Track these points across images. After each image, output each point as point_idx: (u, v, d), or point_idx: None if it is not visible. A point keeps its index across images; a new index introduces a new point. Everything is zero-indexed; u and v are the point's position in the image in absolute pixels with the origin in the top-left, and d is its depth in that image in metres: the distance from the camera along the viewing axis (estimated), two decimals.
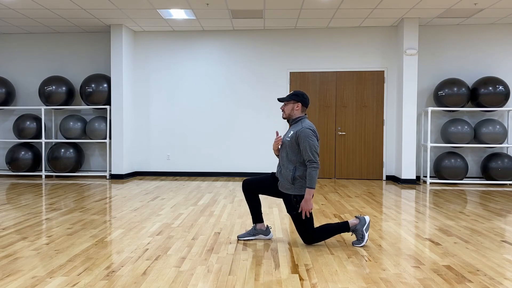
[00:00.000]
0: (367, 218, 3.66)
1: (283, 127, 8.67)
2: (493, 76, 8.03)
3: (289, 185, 3.60)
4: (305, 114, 3.72)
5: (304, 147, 3.49)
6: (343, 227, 3.62)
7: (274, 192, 3.76)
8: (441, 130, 8.09)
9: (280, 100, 3.70)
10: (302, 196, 3.56)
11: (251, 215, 3.83)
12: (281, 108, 3.76)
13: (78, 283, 2.75)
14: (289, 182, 3.59)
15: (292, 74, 8.65)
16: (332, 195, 6.49)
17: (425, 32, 8.41)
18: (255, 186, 3.77)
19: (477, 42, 8.35)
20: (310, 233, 3.61)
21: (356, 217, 3.68)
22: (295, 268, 3.06)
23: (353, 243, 3.68)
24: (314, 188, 3.49)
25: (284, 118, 3.75)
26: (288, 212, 3.66)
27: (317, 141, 3.58)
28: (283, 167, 3.64)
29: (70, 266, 3.09)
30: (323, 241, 3.78)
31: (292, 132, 3.61)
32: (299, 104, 3.67)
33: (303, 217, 3.53)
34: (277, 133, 3.82)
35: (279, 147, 3.77)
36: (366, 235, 3.65)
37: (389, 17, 7.80)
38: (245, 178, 7.73)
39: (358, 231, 3.65)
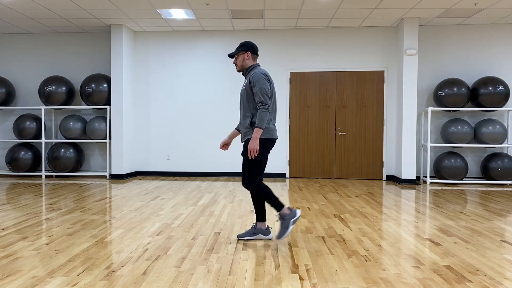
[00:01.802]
0: (298, 211, 3.70)
1: (284, 126, 8.67)
2: (493, 76, 8.03)
3: (248, 130, 3.66)
4: (258, 63, 3.78)
5: (255, 90, 3.55)
6: (278, 205, 3.64)
7: (264, 159, 3.77)
8: (441, 130, 8.09)
9: (230, 55, 3.77)
10: (262, 140, 3.60)
11: (255, 212, 3.85)
12: (233, 63, 3.84)
13: (78, 283, 2.75)
14: (248, 128, 3.65)
15: (292, 74, 8.65)
16: (332, 195, 6.49)
17: (425, 32, 8.42)
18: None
19: (477, 42, 8.35)
20: (252, 178, 3.62)
21: (288, 208, 3.70)
22: (295, 268, 3.06)
23: (278, 237, 3.66)
24: (262, 128, 3.51)
25: (238, 71, 3.81)
26: (241, 154, 3.69)
27: (270, 85, 3.62)
28: (242, 118, 3.70)
29: (70, 266, 3.09)
30: (322, 241, 3.78)
31: (246, 81, 3.69)
32: (248, 53, 3.74)
33: (249, 157, 3.54)
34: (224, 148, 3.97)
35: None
36: (291, 227, 3.66)
37: (389, 17, 7.80)
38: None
39: (286, 220, 3.65)
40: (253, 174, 3.64)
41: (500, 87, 7.74)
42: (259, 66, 3.78)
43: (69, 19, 7.94)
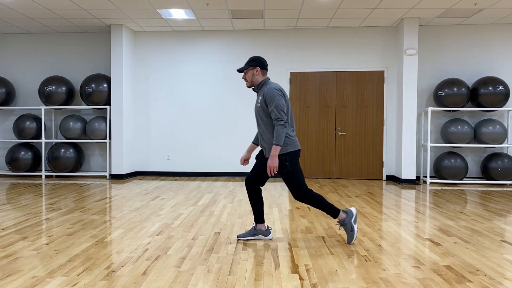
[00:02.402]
0: (353, 210, 3.70)
1: None
2: (493, 76, 8.03)
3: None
4: (268, 77, 3.74)
5: (271, 107, 3.52)
6: (333, 211, 3.64)
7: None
8: (441, 130, 8.09)
9: (239, 70, 3.73)
10: (289, 154, 3.58)
11: (254, 214, 3.83)
12: (242, 78, 3.80)
13: (78, 283, 2.75)
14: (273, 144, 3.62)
15: (292, 74, 8.65)
16: (332, 195, 6.49)
17: (425, 32, 8.42)
18: (255, 177, 3.77)
19: (477, 42, 8.35)
20: (301, 189, 3.62)
21: (343, 211, 3.69)
22: (295, 268, 3.06)
23: (347, 241, 3.70)
24: (280, 145, 3.50)
25: (248, 87, 3.78)
26: (279, 172, 3.66)
27: (285, 98, 3.61)
28: (264, 134, 3.67)
29: (70, 266, 3.09)
30: (323, 241, 3.78)
31: (260, 97, 3.66)
32: (258, 68, 3.69)
33: (269, 175, 3.54)
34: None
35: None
36: (355, 226, 3.67)
37: (389, 17, 7.80)
38: (244, 178, 7.72)
39: (347, 224, 3.66)
40: (300, 185, 3.62)
41: (500, 87, 7.74)
42: (269, 80, 3.73)
43: (69, 19, 7.94)
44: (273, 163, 3.50)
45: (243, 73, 3.84)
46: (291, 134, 3.61)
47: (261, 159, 3.77)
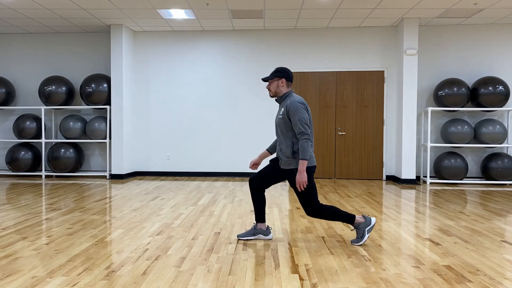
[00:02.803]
0: (373, 219, 3.69)
1: None
2: (493, 76, 8.03)
3: (290, 160, 3.61)
4: (291, 89, 3.74)
5: (294, 120, 3.51)
6: (349, 218, 3.63)
7: (279, 176, 3.77)
8: (441, 130, 8.09)
9: (264, 79, 3.73)
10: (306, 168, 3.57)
11: (255, 213, 3.83)
12: (266, 88, 3.80)
13: (78, 283, 2.75)
14: (290, 157, 3.60)
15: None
16: (332, 195, 6.49)
17: (425, 32, 8.42)
18: (261, 179, 3.77)
19: (477, 42, 8.35)
20: (314, 205, 3.60)
21: (363, 216, 3.70)
22: (295, 268, 3.06)
23: (352, 242, 3.70)
24: (307, 160, 3.48)
25: (271, 97, 3.78)
26: (292, 186, 3.65)
27: (308, 112, 3.60)
28: (282, 145, 3.66)
29: (70, 266, 3.09)
30: (323, 241, 3.78)
31: (282, 109, 3.64)
32: (283, 80, 3.69)
33: (299, 190, 3.53)
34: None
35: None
36: (367, 235, 3.67)
37: (389, 17, 7.80)
38: (244, 178, 7.75)
39: (360, 229, 3.66)
40: (313, 202, 3.60)
41: (500, 87, 7.74)
42: (293, 92, 3.72)
43: (69, 19, 7.94)
44: (301, 178, 3.48)
45: (267, 83, 3.82)
46: (310, 151, 3.59)
47: (274, 165, 3.76)
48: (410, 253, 3.45)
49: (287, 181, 3.72)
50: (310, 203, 3.60)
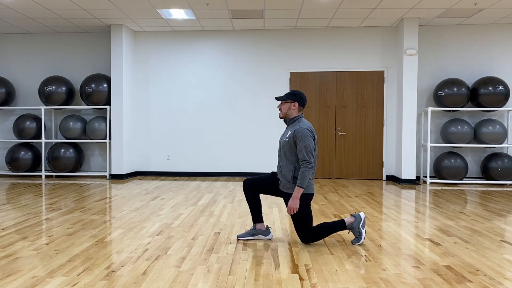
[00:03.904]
0: (362, 214, 3.68)
1: (283, 126, 8.67)
2: (493, 76, 8.03)
3: (290, 184, 3.61)
4: (302, 114, 3.73)
5: (300, 147, 3.51)
6: (340, 225, 3.64)
7: (274, 191, 3.77)
8: (441, 130, 8.09)
9: (277, 98, 3.72)
10: (302, 196, 3.57)
11: (251, 214, 3.83)
12: (278, 107, 3.79)
13: (78, 283, 2.75)
14: (290, 181, 3.60)
15: (292, 74, 8.65)
16: (332, 195, 6.49)
17: (425, 32, 8.42)
18: (256, 185, 3.78)
19: (477, 42, 8.35)
20: (309, 232, 3.62)
21: (351, 215, 3.70)
22: (295, 268, 3.06)
23: (353, 242, 3.70)
24: (303, 188, 3.49)
25: (281, 118, 3.77)
26: (288, 213, 3.66)
27: (314, 141, 3.59)
28: (283, 168, 3.66)
29: (70, 266, 3.09)
30: (323, 241, 3.78)
31: (289, 133, 3.63)
32: (296, 104, 3.67)
33: (289, 214, 3.55)
34: None
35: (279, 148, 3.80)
36: (363, 231, 3.67)
37: (389, 17, 7.80)
38: (245, 178, 7.73)
39: (355, 229, 3.66)
40: (309, 229, 3.62)
41: (500, 87, 7.74)
42: (303, 117, 3.71)
43: (69, 19, 7.94)
44: (294, 204, 3.50)
45: (280, 102, 3.81)
46: (309, 177, 3.59)
47: (274, 179, 3.76)
48: (410, 253, 3.45)
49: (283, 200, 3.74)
50: (304, 229, 3.62)
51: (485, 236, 4.04)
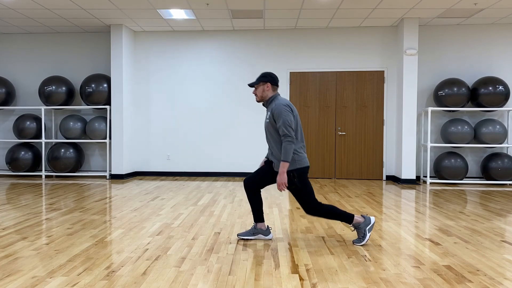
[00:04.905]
0: (372, 219, 3.70)
1: None
2: (493, 76, 8.03)
3: None
4: (278, 93, 3.77)
5: (279, 124, 3.54)
6: (347, 217, 3.65)
7: (273, 177, 3.78)
8: (441, 130, 8.09)
9: (250, 85, 3.77)
10: (297, 170, 3.59)
11: (253, 213, 3.84)
12: (253, 93, 3.84)
13: (78, 283, 2.75)
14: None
15: (292, 74, 8.65)
16: (332, 195, 6.49)
17: (425, 32, 8.42)
18: (256, 181, 3.78)
19: (477, 42, 8.35)
20: (311, 204, 3.63)
21: (362, 215, 3.71)
22: (295, 268, 3.06)
23: (354, 242, 3.71)
24: (288, 162, 3.51)
25: (258, 102, 3.81)
26: (288, 188, 3.68)
27: (293, 114, 3.62)
28: (273, 149, 3.69)
29: (70, 266, 3.09)
30: (323, 241, 3.78)
31: (269, 113, 3.68)
32: (269, 84, 3.72)
33: (279, 191, 3.55)
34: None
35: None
36: (368, 235, 3.68)
37: (389, 17, 7.80)
38: (245, 178, 7.73)
39: (361, 229, 3.68)
40: (310, 201, 3.63)
41: (500, 87, 7.74)
42: (279, 96, 3.75)
43: (69, 19, 7.94)
44: (281, 179, 3.52)
45: (253, 88, 3.85)
46: (299, 151, 3.61)
47: (269, 166, 3.77)
48: (410, 253, 3.45)
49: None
50: (307, 201, 3.63)
51: (485, 236, 4.04)
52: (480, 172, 8.19)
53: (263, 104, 3.81)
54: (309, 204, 3.63)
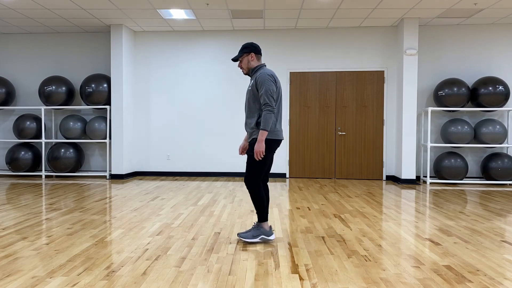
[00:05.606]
0: (272, 236, 3.71)
1: (283, 127, 8.67)
2: (493, 76, 8.03)
3: (254, 130, 3.66)
4: (263, 63, 3.78)
5: (261, 92, 3.56)
6: (262, 217, 3.70)
7: (266, 160, 3.74)
8: (441, 130, 8.09)
9: (233, 59, 3.78)
10: (268, 141, 3.61)
11: (257, 212, 3.77)
12: (238, 66, 3.88)
13: (78, 283, 2.75)
14: (254, 128, 3.65)
15: (292, 74, 8.65)
16: (332, 195, 6.49)
17: (425, 32, 8.42)
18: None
19: (477, 42, 8.35)
20: (253, 178, 3.64)
21: (270, 226, 3.76)
22: (295, 268, 3.06)
23: (239, 233, 3.74)
24: (267, 130, 3.52)
25: (245, 74, 3.82)
26: (246, 152, 3.69)
27: (276, 85, 3.64)
28: (247, 118, 3.72)
29: (70, 266, 3.09)
30: (323, 241, 3.78)
31: (252, 81, 3.69)
32: (252, 54, 3.74)
33: (257, 159, 3.55)
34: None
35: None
36: (256, 241, 3.69)
37: (389, 17, 7.80)
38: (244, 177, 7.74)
39: (258, 231, 3.69)
40: (254, 173, 3.64)
41: (500, 87, 7.74)
42: (265, 66, 3.77)
43: (69, 19, 7.94)
44: (259, 147, 3.52)
45: (238, 62, 3.84)
46: (274, 124, 3.62)
47: (251, 151, 3.74)
48: (410, 253, 3.45)
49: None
50: (253, 172, 3.63)
51: (485, 236, 4.04)
52: (480, 172, 8.19)
53: (249, 74, 3.81)
54: (252, 176, 3.63)
